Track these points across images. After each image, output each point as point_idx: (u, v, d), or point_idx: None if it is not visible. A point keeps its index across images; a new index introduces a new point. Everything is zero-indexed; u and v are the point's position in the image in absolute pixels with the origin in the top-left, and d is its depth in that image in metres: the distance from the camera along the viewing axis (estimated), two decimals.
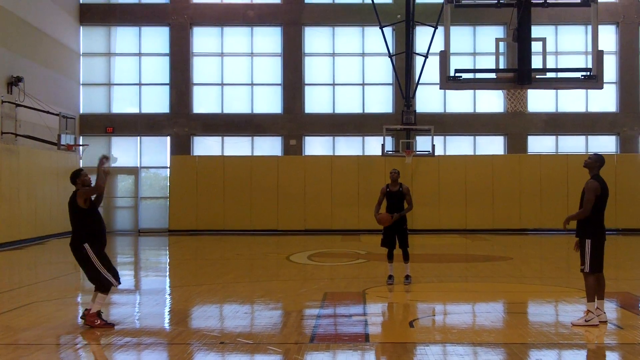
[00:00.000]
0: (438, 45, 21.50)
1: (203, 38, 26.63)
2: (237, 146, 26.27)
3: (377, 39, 24.88)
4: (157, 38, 26.62)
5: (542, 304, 10.61)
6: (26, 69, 21.44)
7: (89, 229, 8.64)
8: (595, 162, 8.83)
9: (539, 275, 14.36)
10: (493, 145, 26.27)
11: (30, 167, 21.44)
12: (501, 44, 12.91)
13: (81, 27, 26.26)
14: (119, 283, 8.83)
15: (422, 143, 24.64)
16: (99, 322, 8.59)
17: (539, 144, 26.27)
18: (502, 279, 13.44)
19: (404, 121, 24.23)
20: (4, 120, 20.19)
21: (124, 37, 26.73)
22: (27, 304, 10.31)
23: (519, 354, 7.34)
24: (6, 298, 10.36)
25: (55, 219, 22.53)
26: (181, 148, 26.09)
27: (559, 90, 25.10)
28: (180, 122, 26.14)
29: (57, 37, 24.17)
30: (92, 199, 8.77)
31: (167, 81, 26.35)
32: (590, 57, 12.40)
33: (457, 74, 12.79)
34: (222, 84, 26.43)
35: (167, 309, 10.33)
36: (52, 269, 15.59)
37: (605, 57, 12.67)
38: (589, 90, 24.94)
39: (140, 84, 26.45)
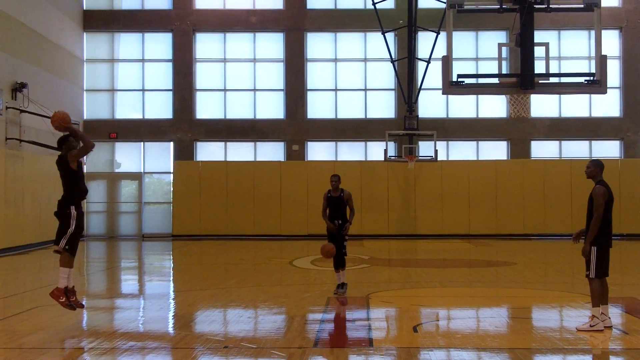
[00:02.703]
0: (440, 51, 21.48)
1: (206, 44, 26.69)
2: (240, 151, 26.30)
3: (379, 45, 24.91)
4: (160, 44, 26.69)
5: (546, 309, 10.59)
6: (30, 75, 21.50)
7: (77, 188, 8.96)
8: (596, 167, 8.80)
9: (543, 280, 14.34)
10: (496, 150, 26.25)
11: (35, 173, 21.48)
12: (504, 49, 12.91)
13: (85, 34, 26.34)
14: (62, 252, 9.15)
15: (425, 148, 24.64)
16: (63, 299, 8.64)
17: (542, 149, 26.25)
18: (506, 284, 13.42)
19: (407, 126, 24.27)
20: (8, 126, 20.25)
21: (127, 43, 26.80)
22: (31, 308, 10.33)
23: (524, 359, 7.33)
24: (11, 302, 10.38)
25: None
26: (184, 153, 26.13)
27: (562, 95, 25.08)
28: (183, 128, 26.19)
29: (61, 44, 24.24)
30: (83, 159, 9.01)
31: (170, 87, 26.41)
32: (593, 62, 12.38)
33: (459, 79, 12.81)
34: (224, 90, 26.48)
35: (171, 313, 10.34)
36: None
37: (608, 62, 12.68)
38: (592, 95, 24.95)
39: (143, 90, 26.52)
